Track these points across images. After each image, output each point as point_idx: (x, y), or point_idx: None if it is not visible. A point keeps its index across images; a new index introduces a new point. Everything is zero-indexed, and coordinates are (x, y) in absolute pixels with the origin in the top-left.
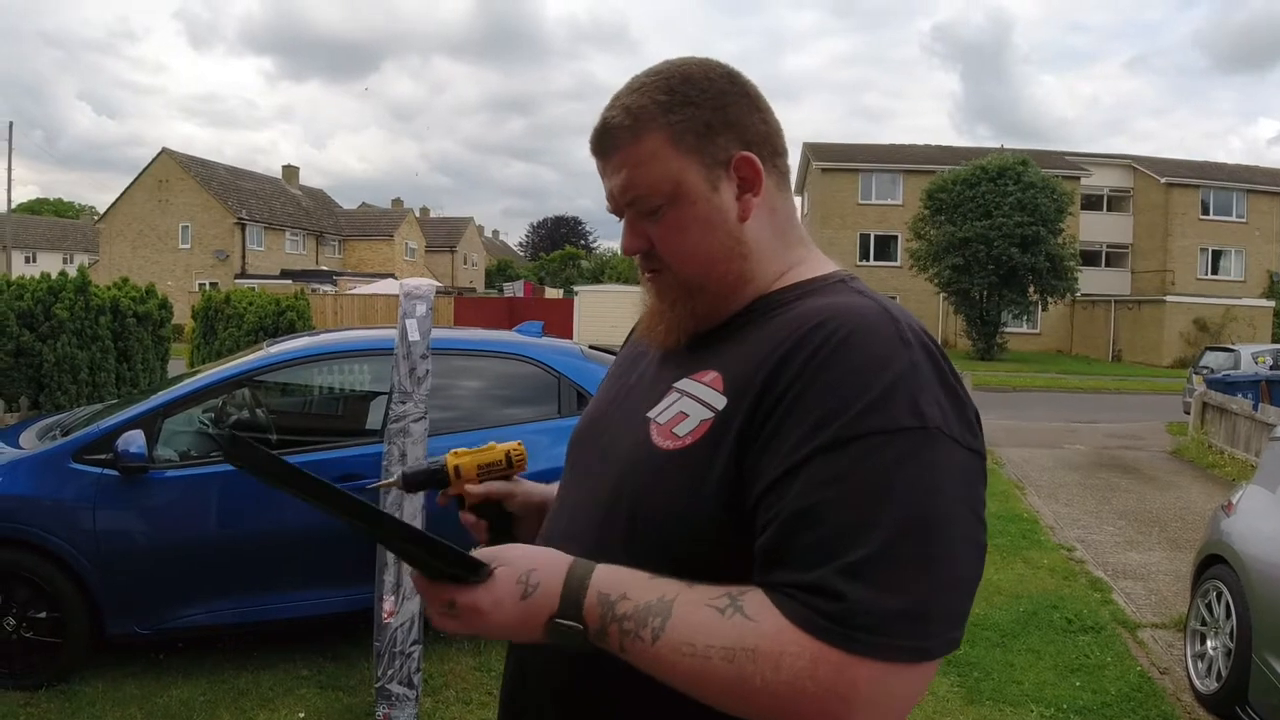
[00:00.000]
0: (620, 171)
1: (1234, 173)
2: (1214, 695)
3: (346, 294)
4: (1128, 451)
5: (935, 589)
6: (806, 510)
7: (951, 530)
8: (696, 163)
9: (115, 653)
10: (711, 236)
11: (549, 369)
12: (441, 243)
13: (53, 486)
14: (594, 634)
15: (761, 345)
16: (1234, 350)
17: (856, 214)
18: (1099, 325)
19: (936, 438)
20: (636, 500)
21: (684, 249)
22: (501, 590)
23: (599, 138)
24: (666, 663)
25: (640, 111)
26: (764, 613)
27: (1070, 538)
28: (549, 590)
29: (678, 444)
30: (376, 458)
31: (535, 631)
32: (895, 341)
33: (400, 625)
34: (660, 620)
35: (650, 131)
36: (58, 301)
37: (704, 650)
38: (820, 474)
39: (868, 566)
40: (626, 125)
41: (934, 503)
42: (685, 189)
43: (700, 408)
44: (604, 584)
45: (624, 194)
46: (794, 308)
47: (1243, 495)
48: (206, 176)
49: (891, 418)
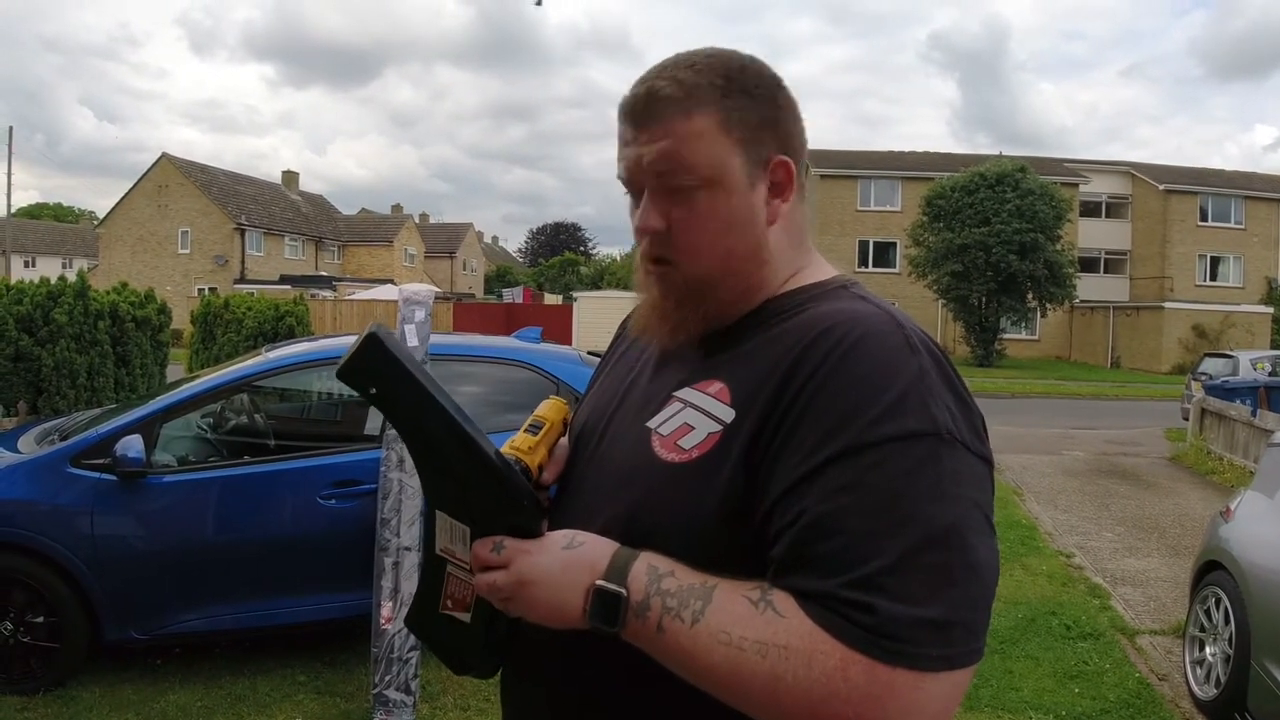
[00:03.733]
0: (659, 142)
1: (1232, 179)
2: (1213, 702)
3: (345, 299)
4: (1126, 458)
5: (960, 598)
6: (825, 517)
7: (969, 537)
8: (741, 155)
9: (112, 658)
10: (738, 233)
11: (547, 375)
12: (441, 248)
13: (51, 491)
14: (635, 606)
15: (768, 354)
16: (1232, 356)
17: (855, 220)
18: (1097, 332)
19: (949, 444)
20: (637, 512)
21: (706, 240)
22: (547, 540)
23: (642, 104)
24: (702, 649)
25: (695, 88)
26: (792, 612)
27: (1069, 544)
28: (595, 550)
29: (683, 457)
30: (374, 463)
31: (576, 593)
32: (903, 348)
33: (398, 631)
34: (701, 604)
35: (704, 110)
36: (57, 306)
37: (738, 641)
38: (836, 481)
39: (890, 576)
40: (678, 98)
41: (951, 510)
42: (726, 177)
43: (707, 420)
44: (654, 558)
45: (656, 164)
46: (799, 314)
47: (1241, 501)
48: (206, 182)
49: (905, 424)
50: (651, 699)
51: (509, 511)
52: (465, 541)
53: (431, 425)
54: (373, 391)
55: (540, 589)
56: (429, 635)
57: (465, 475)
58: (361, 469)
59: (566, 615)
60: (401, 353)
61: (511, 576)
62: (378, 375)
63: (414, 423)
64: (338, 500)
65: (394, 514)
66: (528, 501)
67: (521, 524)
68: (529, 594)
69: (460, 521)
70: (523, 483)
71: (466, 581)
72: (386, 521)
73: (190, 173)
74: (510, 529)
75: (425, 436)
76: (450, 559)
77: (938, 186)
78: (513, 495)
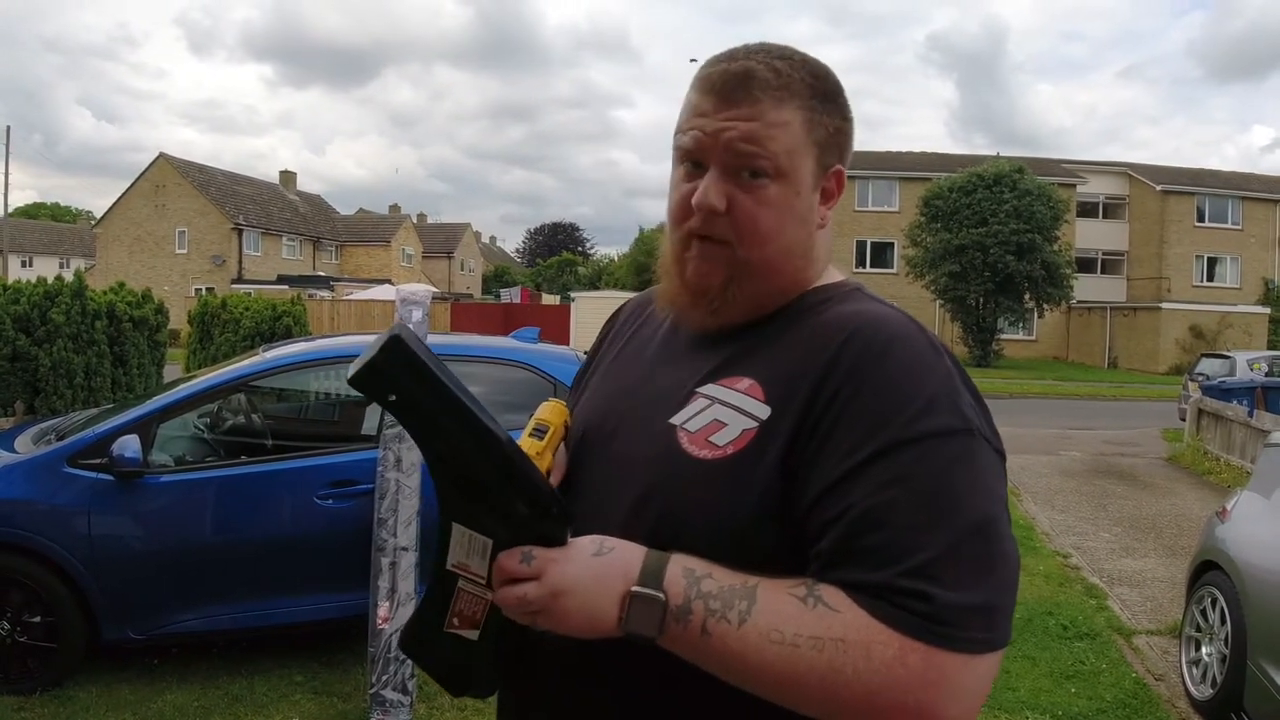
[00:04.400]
0: (747, 122)
1: (1229, 180)
2: (1209, 701)
3: (343, 299)
4: (1123, 458)
5: (998, 584)
6: (872, 510)
7: (1002, 528)
8: (814, 156)
9: (110, 658)
10: (798, 228)
11: (545, 375)
12: (439, 249)
13: (48, 491)
14: (675, 611)
15: (794, 352)
16: (1229, 357)
17: (853, 220)
18: (1095, 332)
19: (979, 439)
20: (665, 511)
21: (768, 228)
22: (575, 547)
23: (737, 80)
24: (753, 649)
25: (791, 81)
26: (845, 605)
27: (1066, 544)
28: (627, 555)
29: (717, 454)
30: (371, 463)
31: (611, 601)
32: (930, 349)
33: (394, 631)
34: (746, 604)
35: (794, 103)
36: (54, 306)
37: (792, 639)
38: (882, 475)
39: (940, 565)
40: (775, 85)
41: (988, 502)
42: (799, 173)
43: (740, 417)
44: (687, 560)
45: (739, 142)
46: (822, 313)
47: (1237, 502)
48: (204, 182)
49: (943, 421)
50: (671, 704)
51: (539, 520)
52: (485, 555)
53: (457, 434)
54: (392, 399)
55: (573, 599)
56: (428, 655)
57: (492, 484)
58: (358, 469)
59: (601, 625)
60: (428, 356)
61: (544, 588)
62: (399, 381)
63: (435, 431)
64: (335, 500)
65: (391, 514)
66: (556, 509)
67: (549, 533)
68: (562, 605)
69: (481, 534)
70: (551, 489)
71: (480, 597)
72: (383, 521)
73: (188, 172)
74: (538, 538)
75: (447, 444)
76: (463, 574)
77: (935, 187)
78: (544, 503)
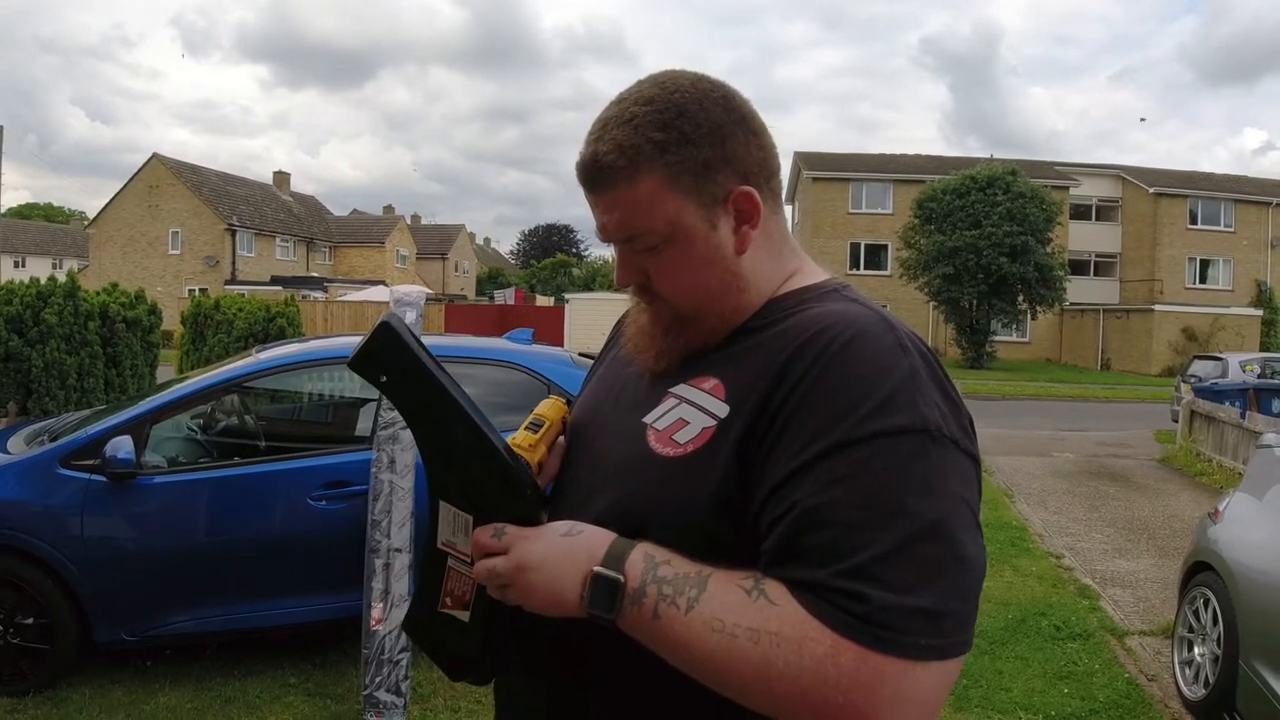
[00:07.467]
0: (614, 211)
1: (1221, 183)
2: (1201, 702)
3: (337, 300)
4: (1116, 459)
5: (950, 589)
6: (816, 509)
7: (957, 532)
8: (694, 203)
9: (103, 659)
10: (709, 273)
11: (539, 376)
12: (433, 250)
13: (41, 492)
14: (632, 593)
15: (762, 353)
16: (1222, 359)
17: (847, 223)
18: (1088, 334)
19: (939, 440)
20: (631, 504)
21: (681, 286)
22: (547, 528)
23: (591, 173)
24: (696, 636)
25: (634, 152)
26: (784, 600)
27: (1059, 545)
28: (594, 538)
29: (677, 451)
30: (365, 464)
31: (574, 580)
32: (895, 348)
33: (388, 633)
34: (696, 591)
35: (646, 174)
36: (47, 306)
37: (731, 628)
38: (829, 474)
39: (882, 566)
40: (621, 166)
41: (940, 504)
42: (682, 230)
43: (701, 415)
44: (651, 548)
45: (618, 231)
46: (794, 315)
47: (1230, 503)
48: (197, 182)
49: (895, 420)
50: (652, 692)
51: (512, 499)
52: (467, 531)
53: (440, 413)
54: (383, 380)
55: (538, 574)
56: (426, 637)
57: (470, 462)
58: (352, 470)
59: (564, 602)
60: (413, 342)
61: (510, 562)
62: (389, 363)
63: (423, 410)
64: (328, 502)
65: (384, 515)
66: (530, 490)
67: (523, 513)
68: (527, 580)
69: (463, 511)
70: (526, 471)
71: (466, 575)
72: (377, 523)
73: (181, 173)
74: (512, 517)
75: (433, 424)
76: (451, 552)
77: (929, 189)
78: (516, 482)
